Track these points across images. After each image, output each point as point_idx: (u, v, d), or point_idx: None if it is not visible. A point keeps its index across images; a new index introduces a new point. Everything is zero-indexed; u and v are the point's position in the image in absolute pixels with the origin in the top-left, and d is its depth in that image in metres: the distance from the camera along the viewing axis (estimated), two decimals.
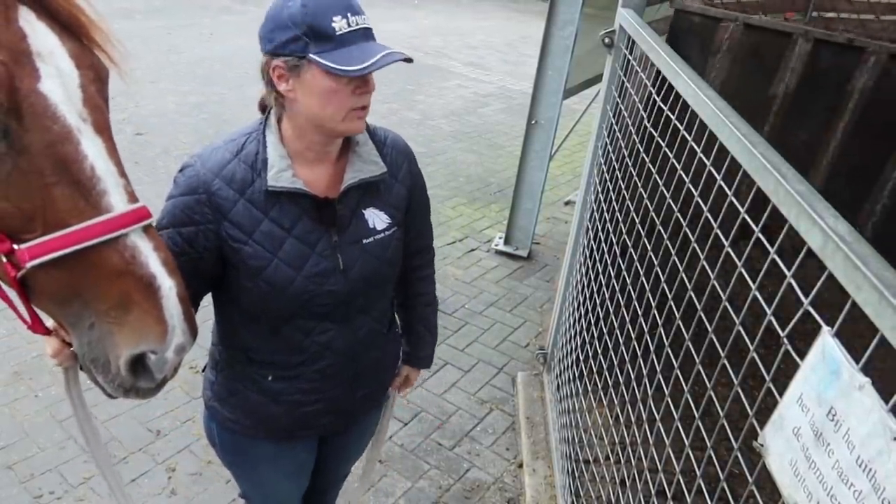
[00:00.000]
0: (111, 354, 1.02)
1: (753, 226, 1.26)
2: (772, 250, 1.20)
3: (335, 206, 1.46)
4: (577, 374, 2.79)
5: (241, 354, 1.58)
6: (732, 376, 1.31)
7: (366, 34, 1.32)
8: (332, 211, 1.46)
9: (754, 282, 1.26)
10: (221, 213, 1.40)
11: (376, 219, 1.53)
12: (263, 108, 1.48)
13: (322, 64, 1.27)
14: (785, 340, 1.12)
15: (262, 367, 1.57)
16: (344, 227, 1.48)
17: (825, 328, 0.98)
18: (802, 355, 1.03)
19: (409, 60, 1.32)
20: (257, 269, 1.42)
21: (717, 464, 1.36)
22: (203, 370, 1.74)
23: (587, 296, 2.74)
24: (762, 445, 1.11)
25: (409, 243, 1.69)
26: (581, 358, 2.73)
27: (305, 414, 1.62)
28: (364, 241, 1.50)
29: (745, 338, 1.28)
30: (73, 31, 1.02)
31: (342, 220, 1.48)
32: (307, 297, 1.46)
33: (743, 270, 1.32)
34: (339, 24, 1.28)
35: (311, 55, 1.28)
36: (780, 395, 1.08)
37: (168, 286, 1.01)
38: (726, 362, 1.35)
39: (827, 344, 0.97)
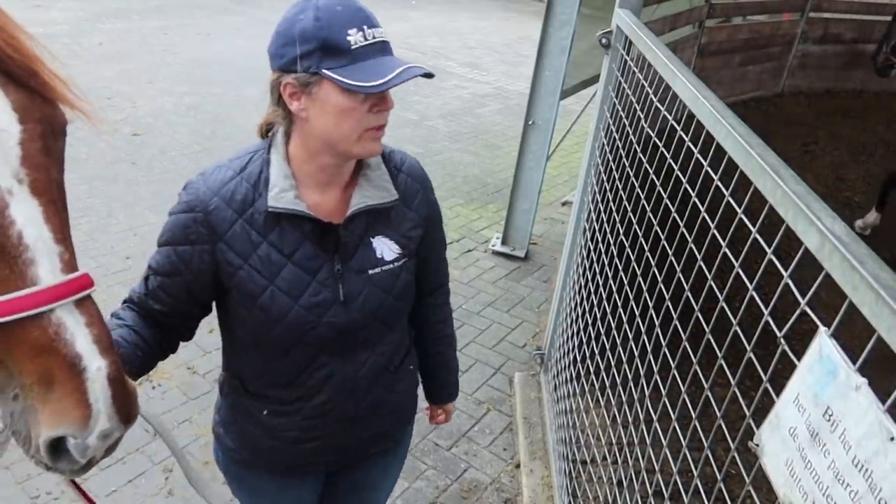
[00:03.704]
0: (32, 431, 0.96)
1: (750, 226, 1.26)
2: (769, 250, 1.20)
3: (339, 231, 1.37)
4: (574, 375, 2.79)
5: (237, 383, 1.53)
6: (730, 377, 1.31)
7: (383, 48, 1.25)
8: (335, 237, 1.37)
9: (752, 282, 1.26)
10: (217, 233, 1.33)
11: (385, 248, 1.43)
12: (265, 132, 1.41)
13: (336, 80, 1.20)
14: (782, 341, 1.12)
15: (257, 399, 1.51)
16: (348, 255, 1.39)
17: (822, 328, 0.98)
18: (800, 356, 1.03)
19: (429, 76, 1.25)
20: (252, 295, 1.35)
21: (714, 464, 1.36)
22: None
23: (584, 296, 2.74)
24: (758, 445, 1.11)
25: (425, 280, 1.62)
26: (578, 358, 2.73)
27: (305, 451, 1.55)
28: (370, 271, 1.41)
29: (743, 338, 1.28)
30: (24, 81, 0.93)
31: (346, 247, 1.39)
32: (305, 329, 1.38)
33: (740, 271, 1.32)
34: (355, 38, 1.20)
35: (324, 71, 1.20)
36: (778, 395, 1.08)
37: (96, 367, 0.92)
38: (723, 363, 1.35)
39: (824, 344, 0.97)
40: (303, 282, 1.36)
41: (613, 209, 2.44)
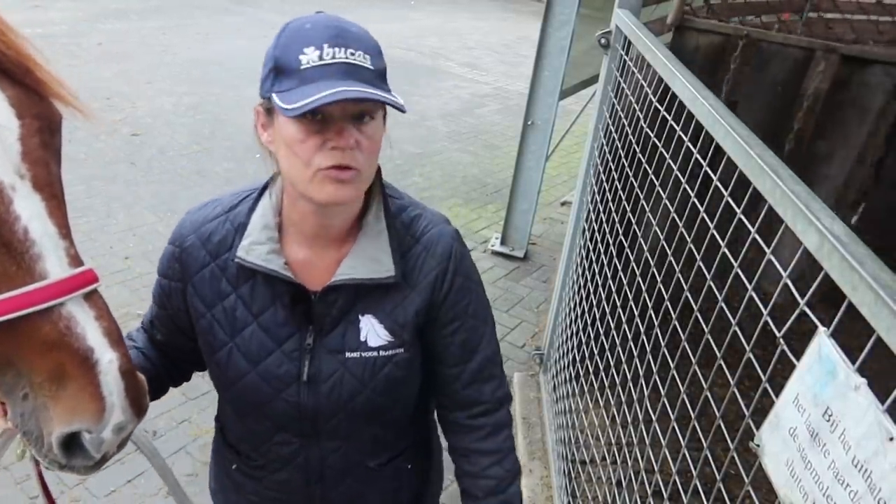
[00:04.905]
0: (44, 429, 0.94)
1: (749, 226, 1.26)
2: (768, 251, 1.20)
3: (311, 301, 1.19)
4: (573, 375, 2.79)
5: (219, 427, 1.44)
6: (729, 377, 1.31)
7: (348, 71, 1.02)
8: (308, 307, 1.19)
9: (751, 282, 1.26)
10: (187, 273, 1.22)
11: (371, 331, 1.21)
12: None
13: (274, 103, 1.02)
14: (781, 341, 1.12)
15: (229, 450, 1.40)
16: (324, 330, 1.20)
17: (821, 328, 0.98)
18: (799, 356, 1.03)
19: (397, 107, 1.09)
20: (211, 348, 1.23)
21: (713, 464, 1.36)
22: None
23: (583, 296, 2.74)
24: (758, 446, 1.11)
25: (451, 389, 1.34)
26: (577, 358, 2.73)
27: None
28: (348, 353, 1.20)
29: (742, 338, 1.28)
30: (19, 77, 0.92)
31: (322, 320, 1.19)
32: (260, 400, 1.23)
33: (739, 271, 1.32)
34: (309, 57, 1.01)
35: (273, 95, 1.03)
36: (777, 395, 1.08)
37: (108, 360, 0.91)
38: (723, 363, 1.35)
39: (823, 344, 0.97)
40: (265, 348, 1.20)
41: (613, 209, 2.44)
